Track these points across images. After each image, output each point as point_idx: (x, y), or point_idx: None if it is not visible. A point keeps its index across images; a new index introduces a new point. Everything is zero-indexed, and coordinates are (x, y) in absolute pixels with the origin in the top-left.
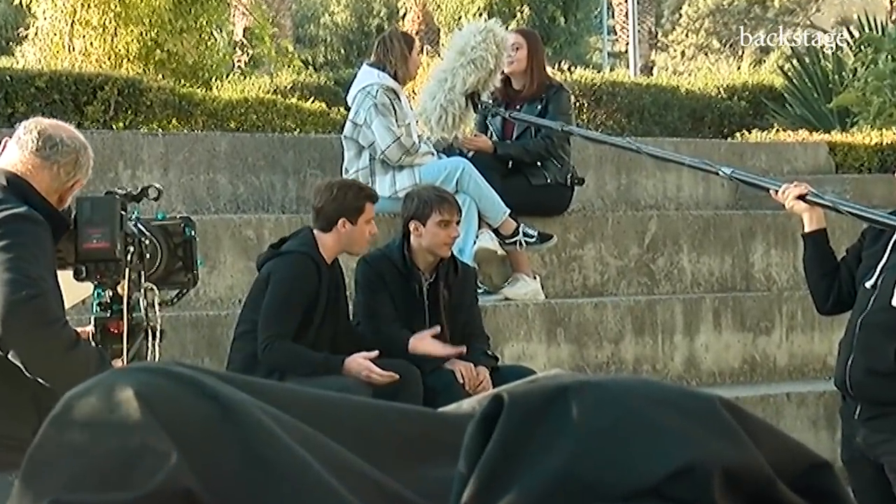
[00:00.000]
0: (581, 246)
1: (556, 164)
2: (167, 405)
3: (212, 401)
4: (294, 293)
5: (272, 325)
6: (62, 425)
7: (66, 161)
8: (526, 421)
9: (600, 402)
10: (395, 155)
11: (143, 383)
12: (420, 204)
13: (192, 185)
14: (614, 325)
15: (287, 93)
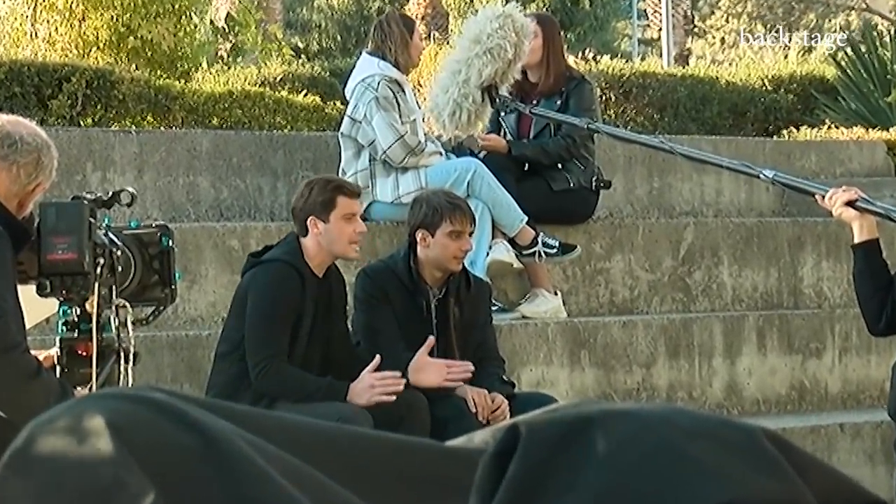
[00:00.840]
0: (608, 258)
1: (579, 165)
2: (143, 436)
3: (192, 431)
4: (277, 306)
5: (261, 347)
6: (25, 460)
7: (27, 161)
8: (545, 456)
9: (629, 435)
10: (398, 155)
11: (116, 411)
12: (429, 211)
13: (169, 189)
14: (645, 347)
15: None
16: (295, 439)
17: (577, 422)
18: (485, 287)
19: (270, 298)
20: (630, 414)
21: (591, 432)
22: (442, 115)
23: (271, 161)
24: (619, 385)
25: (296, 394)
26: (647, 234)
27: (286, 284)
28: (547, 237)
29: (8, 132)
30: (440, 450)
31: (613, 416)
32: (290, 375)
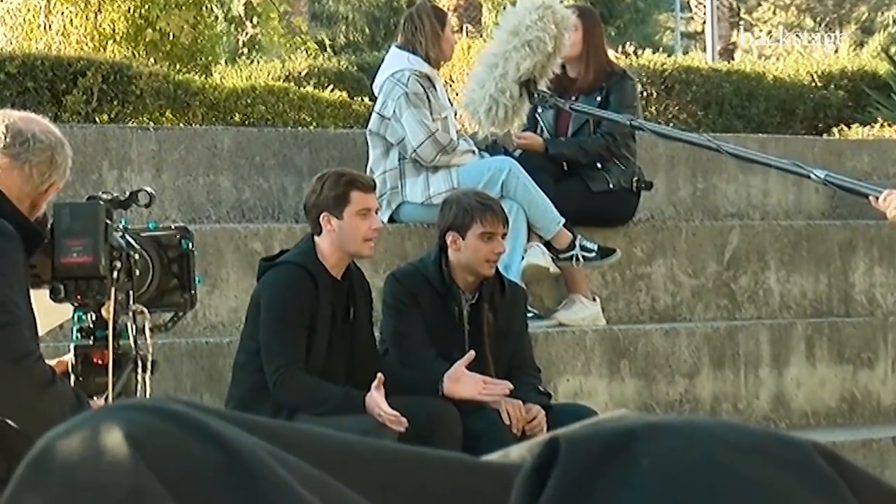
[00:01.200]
0: (649, 262)
1: (620, 165)
2: (162, 449)
3: (213, 444)
4: (287, 311)
5: (276, 355)
6: (39, 473)
7: (40, 160)
8: (586, 471)
9: (673, 450)
10: (429, 153)
11: (135, 423)
12: (459, 212)
13: (189, 189)
14: (688, 357)
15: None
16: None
17: (619, 435)
18: (520, 292)
19: (280, 303)
20: (675, 427)
21: (634, 447)
22: (477, 111)
23: (296, 159)
24: (661, 396)
25: (311, 403)
26: (690, 238)
27: (296, 287)
28: (585, 240)
29: (20, 129)
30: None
31: (657, 429)
32: (305, 384)
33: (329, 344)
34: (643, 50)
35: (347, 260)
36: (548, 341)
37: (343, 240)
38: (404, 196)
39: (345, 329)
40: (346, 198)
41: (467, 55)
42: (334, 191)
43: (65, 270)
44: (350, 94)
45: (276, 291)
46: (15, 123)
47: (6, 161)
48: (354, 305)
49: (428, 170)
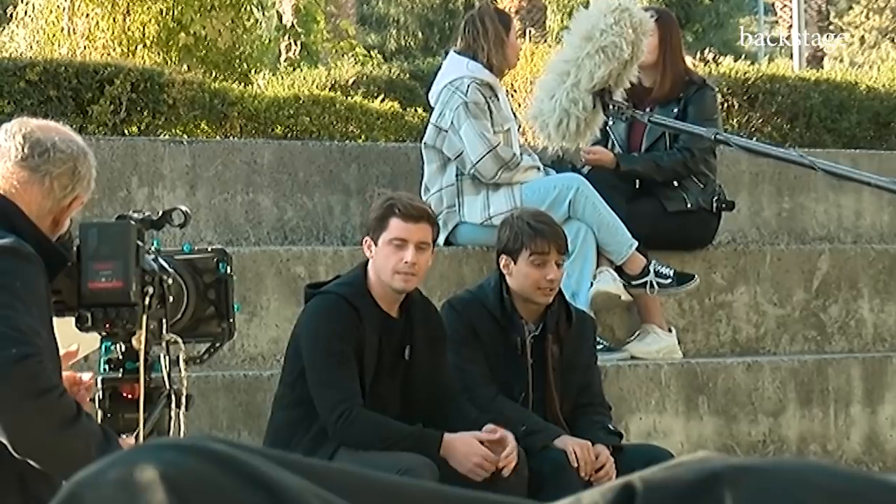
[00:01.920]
0: (730, 289)
1: (698, 183)
2: (202, 494)
3: (259, 488)
4: (333, 343)
5: (333, 392)
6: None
7: (61, 171)
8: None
9: (763, 495)
10: (489, 169)
11: (172, 465)
12: (511, 235)
13: (226, 208)
14: (773, 393)
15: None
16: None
17: (701, 479)
18: (588, 322)
19: (322, 336)
20: (762, 470)
21: (717, 492)
22: (547, 124)
23: (343, 176)
24: (742, 437)
25: (380, 442)
26: (775, 263)
27: (336, 319)
28: (660, 265)
29: (38, 139)
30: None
31: (743, 472)
32: (372, 422)
33: (374, 383)
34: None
35: (389, 292)
36: (619, 376)
37: (378, 268)
38: (462, 216)
39: (396, 370)
40: (384, 223)
41: (530, 62)
42: (376, 213)
43: (92, 296)
44: (402, 105)
45: (316, 323)
46: (33, 132)
47: (25, 174)
48: (412, 344)
49: (488, 187)
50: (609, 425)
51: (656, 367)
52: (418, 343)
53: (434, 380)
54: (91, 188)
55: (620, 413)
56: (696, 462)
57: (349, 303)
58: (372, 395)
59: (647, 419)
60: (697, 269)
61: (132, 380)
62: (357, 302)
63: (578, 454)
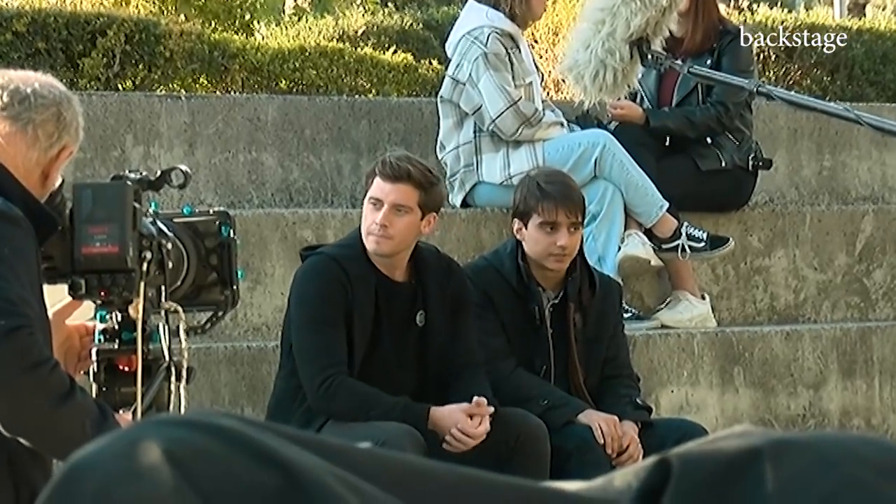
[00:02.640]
0: (768, 253)
1: (733, 140)
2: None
3: (272, 467)
4: (318, 307)
5: (313, 358)
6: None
7: (45, 118)
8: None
9: (806, 471)
10: (510, 125)
11: (177, 442)
12: (522, 197)
13: (227, 168)
14: (813, 364)
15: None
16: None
17: (741, 455)
18: (615, 289)
19: (308, 299)
20: (806, 444)
21: (759, 468)
22: (582, 75)
23: (352, 133)
24: (781, 410)
25: (363, 414)
26: (815, 225)
27: (321, 282)
28: (692, 228)
29: (17, 87)
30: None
31: (786, 447)
32: (356, 392)
33: (373, 351)
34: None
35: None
36: (648, 346)
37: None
38: (480, 175)
39: (405, 337)
40: (369, 181)
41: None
42: (367, 171)
43: (86, 262)
44: (416, 57)
45: (303, 287)
46: (11, 81)
47: (6, 126)
48: (426, 309)
49: (508, 145)
50: (637, 399)
51: (688, 336)
52: (434, 308)
53: (453, 349)
54: (79, 137)
55: (650, 386)
56: (735, 437)
57: (339, 264)
58: (371, 364)
59: (678, 392)
60: (732, 231)
61: (129, 351)
62: (348, 264)
63: (604, 430)
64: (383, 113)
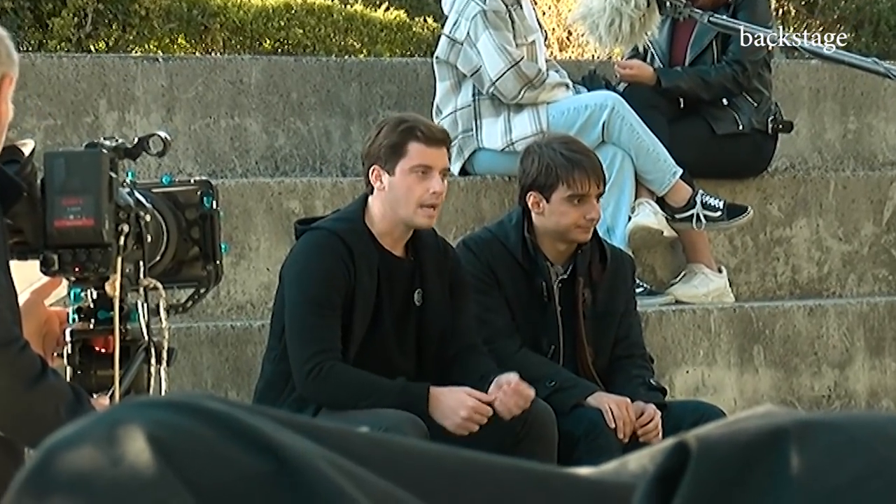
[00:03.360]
0: (789, 223)
1: (751, 101)
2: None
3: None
4: (316, 287)
5: (304, 343)
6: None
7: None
8: (723, 480)
9: (837, 452)
10: (511, 88)
11: (161, 425)
12: (542, 168)
13: (208, 135)
14: (839, 341)
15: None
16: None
17: (765, 435)
18: (626, 262)
19: (305, 277)
20: (835, 425)
21: (783, 449)
22: (597, 24)
23: (342, 96)
24: (804, 391)
25: (355, 400)
26: (840, 192)
27: (323, 259)
28: (708, 196)
29: None
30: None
31: (813, 427)
32: (349, 378)
33: (373, 332)
34: None
35: (404, 228)
36: (661, 323)
37: (393, 202)
38: (480, 141)
39: (405, 318)
40: (401, 149)
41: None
42: (390, 139)
43: (59, 236)
44: (409, 14)
45: (302, 264)
46: None
47: None
48: (424, 288)
49: (510, 108)
50: (651, 380)
51: (704, 312)
52: (431, 287)
53: (452, 332)
54: (14, 63)
55: (663, 366)
56: (757, 417)
57: (343, 241)
58: (370, 348)
59: (694, 372)
60: (751, 199)
61: (105, 331)
62: (352, 239)
63: (615, 413)
64: (375, 74)
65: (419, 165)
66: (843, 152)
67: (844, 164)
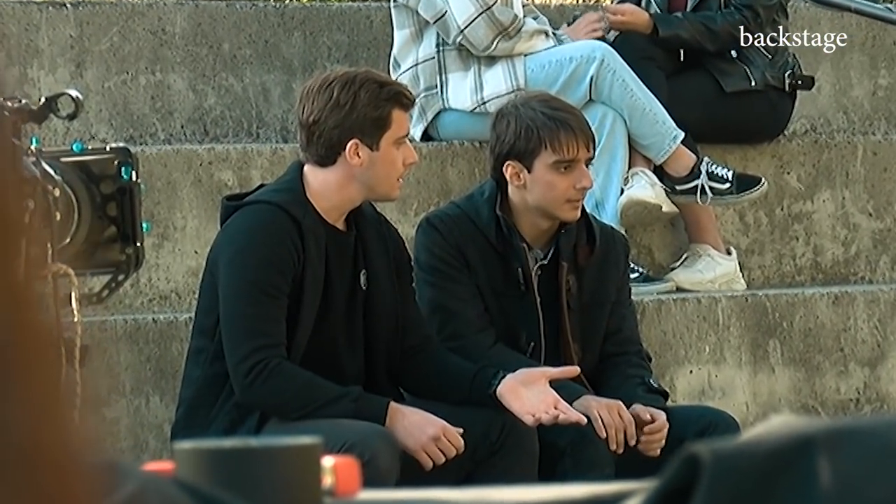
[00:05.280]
0: (810, 196)
1: (765, 53)
2: None
3: None
4: (261, 272)
5: (244, 337)
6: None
7: None
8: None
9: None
10: (483, 37)
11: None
12: (520, 131)
13: (125, 94)
14: (869, 335)
15: None
16: None
17: (788, 445)
18: (618, 243)
19: (250, 259)
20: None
21: (810, 460)
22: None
23: (282, 48)
24: (829, 393)
25: (302, 407)
26: (869, 159)
27: (271, 238)
28: (715, 165)
29: None
30: None
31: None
32: (294, 379)
33: (321, 322)
34: None
35: (353, 204)
36: (661, 314)
37: (372, 179)
38: (445, 101)
39: (352, 304)
40: (387, 119)
41: None
42: (374, 107)
43: None
44: None
45: (241, 242)
46: None
47: None
48: (369, 268)
49: (480, 61)
50: (649, 381)
51: (711, 301)
52: (376, 268)
53: (399, 320)
54: None
55: (663, 365)
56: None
57: (289, 215)
58: (316, 341)
59: (699, 372)
60: (765, 169)
61: None
62: (298, 213)
63: (605, 419)
64: (321, 22)
65: (403, 136)
66: (873, 112)
67: (874, 126)
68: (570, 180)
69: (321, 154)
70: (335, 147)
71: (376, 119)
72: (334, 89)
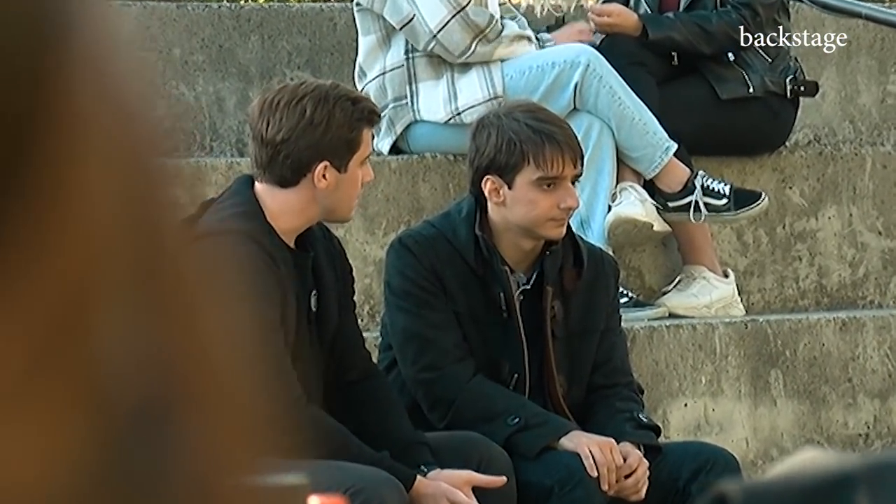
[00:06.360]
0: (814, 213)
1: (765, 57)
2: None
3: None
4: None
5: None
6: None
7: None
8: None
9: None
10: (458, 41)
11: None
12: (501, 144)
13: None
14: (879, 364)
15: None
16: None
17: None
18: (608, 266)
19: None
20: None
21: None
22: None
23: (238, 53)
24: (836, 428)
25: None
26: (878, 172)
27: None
28: (710, 179)
29: None
30: None
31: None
32: (330, 433)
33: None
34: None
35: (309, 225)
36: (652, 343)
37: (335, 202)
38: (416, 112)
39: (309, 328)
40: (357, 140)
41: None
42: (349, 127)
43: None
44: None
45: None
46: None
47: None
48: (320, 289)
49: (453, 68)
50: (640, 415)
51: (707, 328)
52: (326, 287)
53: (345, 342)
54: None
55: (656, 397)
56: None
57: (260, 245)
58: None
59: (694, 405)
60: (765, 183)
61: None
62: (266, 241)
63: (597, 458)
64: (280, 25)
65: (368, 156)
66: (882, 121)
67: (884, 136)
68: (554, 199)
69: (284, 175)
70: (302, 169)
71: (349, 141)
72: (306, 106)
